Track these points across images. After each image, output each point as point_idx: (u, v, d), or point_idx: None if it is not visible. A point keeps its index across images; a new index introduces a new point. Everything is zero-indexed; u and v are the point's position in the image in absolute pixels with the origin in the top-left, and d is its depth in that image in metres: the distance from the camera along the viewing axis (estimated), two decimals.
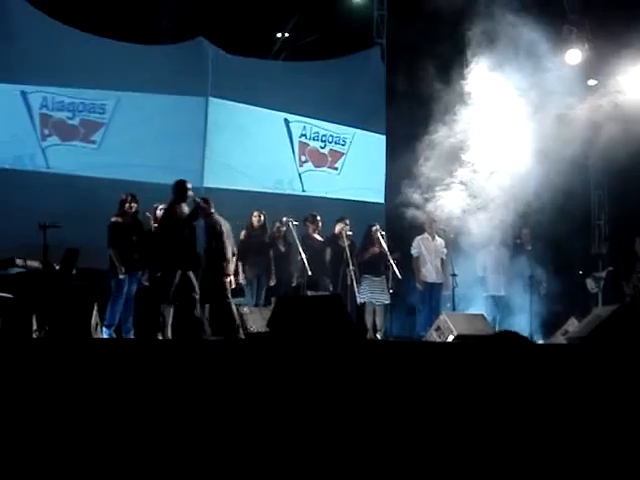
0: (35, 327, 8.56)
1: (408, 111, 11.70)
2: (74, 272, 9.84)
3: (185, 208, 9.91)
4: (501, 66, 11.02)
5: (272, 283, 11.35)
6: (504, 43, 10.98)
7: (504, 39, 10.96)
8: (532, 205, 11.22)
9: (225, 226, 10.16)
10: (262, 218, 11.46)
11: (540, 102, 11.04)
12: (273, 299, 11.06)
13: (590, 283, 13.11)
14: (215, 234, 10.02)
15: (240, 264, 11.15)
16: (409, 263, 11.98)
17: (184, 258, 9.66)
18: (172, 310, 10.46)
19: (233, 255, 10.22)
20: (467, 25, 11.11)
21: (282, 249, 11.44)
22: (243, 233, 11.40)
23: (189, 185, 9.88)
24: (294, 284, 11.51)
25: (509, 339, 6.43)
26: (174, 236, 9.60)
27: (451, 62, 11.23)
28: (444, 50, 11.17)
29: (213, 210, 10.10)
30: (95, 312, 9.51)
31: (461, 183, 11.33)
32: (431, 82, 11.31)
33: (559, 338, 10.63)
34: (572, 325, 10.69)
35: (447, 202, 11.33)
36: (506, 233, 11.76)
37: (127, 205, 10.15)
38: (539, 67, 11.08)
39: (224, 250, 10.00)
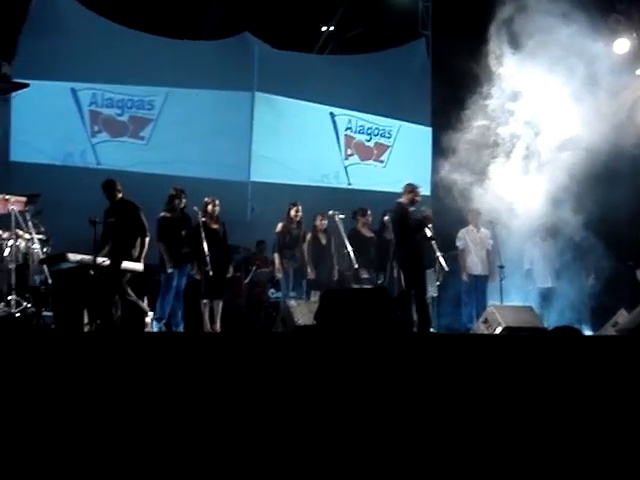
0: (86, 321, 8.71)
1: (454, 102, 11.62)
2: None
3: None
4: (549, 57, 10.91)
5: (311, 276, 11.25)
6: (552, 33, 10.87)
7: (552, 29, 10.85)
8: (580, 195, 11.10)
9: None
10: (298, 212, 11.32)
11: (589, 91, 10.91)
12: (313, 292, 11.08)
13: None
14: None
15: (277, 256, 11.16)
16: (455, 255, 11.93)
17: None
18: (220, 304, 10.60)
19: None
20: (514, 14, 11.01)
21: (323, 242, 11.38)
22: (280, 225, 11.29)
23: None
24: (335, 277, 11.48)
25: (566, 334, 6.41)
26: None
27: (498, 52, 11.13)
28: (490, 40, 11.07)
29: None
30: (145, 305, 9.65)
31: (508, 174, 11.25)
32: (477, 73, 11.24)
33: (609, 330, 10.53)
34: (622, 316, 10.57)
35: (493, 193, 11.26)
36: (553, 224, 11.64)
37: (176, 200, 10.26)
38: (588, 56, 10.95)
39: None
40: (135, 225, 9.49)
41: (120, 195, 9.70)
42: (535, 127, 11.31)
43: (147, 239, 9.57)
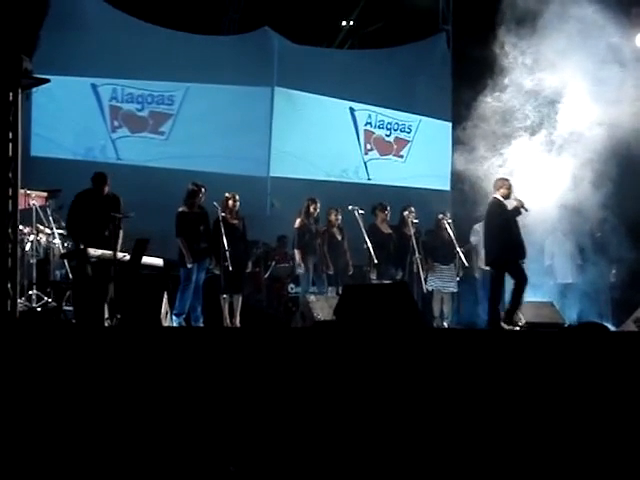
0: (107, 315, 8.74)
1: (474, 96, 11.55)
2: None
3: None
4: (570, 50, 10.83)
5: (330, 271, 11.19)
6: (573, 26, 10.78)
7: (573, 22, 10.77)
8: (602, 189, 11.01)
9: None
10: (317, 206, 11.20)
11: (610, 85, 10.82)
12: (330, 288, 11.05)
13: None
14: None
15: (297, 252, 11.14)
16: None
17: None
18: (240, 299, 10.61)
19: None
20: (535, 7, 10.93)
21: (338, 237, 11.34)
22: (299, 221, 11.20)
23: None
24: (350, 272, 11.45)
25: (593, 330, 6.37)
26: None
27: (519, 47, 11.06)
28: (511, 35, 11.00)
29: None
30: (165, 301, 9.66)
31: (528, 169, 11.17)
32: (498, 67, 11.17)
33: (630, 326, 10.44)
34: None
35: (512, 189, 11.20)
36: (574, 220, 11.55)
37: (194, 195, 10.26)
38: (608, 50, 10.86)
39: None
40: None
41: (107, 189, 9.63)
42: (556, 120, 11.21)
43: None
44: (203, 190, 10.32)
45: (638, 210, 11.42)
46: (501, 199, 9.94)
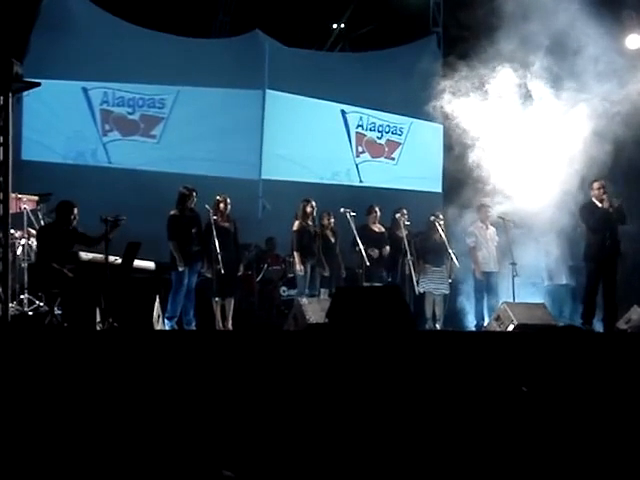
0: (99, 319, 8.71)
1: (465, 98, 11.56)
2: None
3: None
4: (560, 53, 10.88)
5: (326, 274, 11.17)
6: (562, 29, 10.83)
7: (562, 25, 10.81)
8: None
9: None
10: (314, 208, 11.15)
11: (600, 88, 10.86)
12: (323, 290, 11.05)
13: None
14: None
15: (297, 254, 11.13)
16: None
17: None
18: (232, 302, 10.61)
19: None
20: (525, 11, 10.97)
21: (332, 240, 11.34)
22: (297, 223, 11.16)
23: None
24: (343, 275, 11.45)
25: (572, 333, 6.40)
26: None
27: (508, 50, 11.09)
28: (501, 38, 11.03)
29: None
30: (157, 304, 9.64)
31: (521, 170, 11.20)
32: (487, 71, 11.20)
33: (622, 326, 10.48)
34: (635, 313, 10.52)
35: (506, 190, 11.22)
36: (568, 221, 11.57)
37: (187, 199, 10.25)
38: (598, 52, 10.90)
39: None
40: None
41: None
42: (549, 122, 11.24)
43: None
44: (194, 193, 10.31)
45: (631, 208, 11.44)
46: (593, 201, 10.33)
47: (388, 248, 11.49)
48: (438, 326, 11.44)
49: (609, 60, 10.91)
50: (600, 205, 10.23)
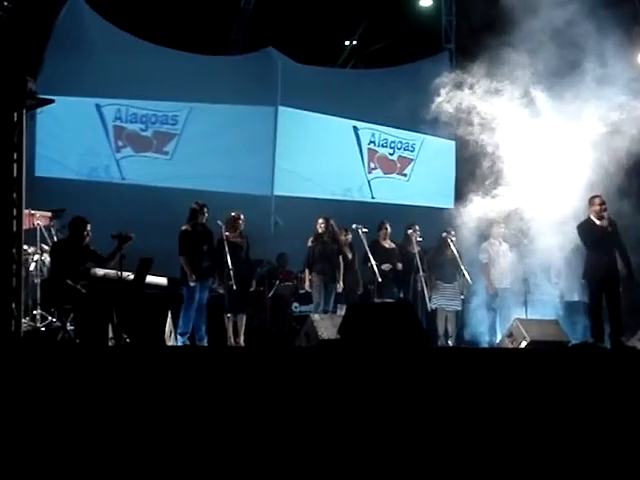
0: (111, 335, 8.73)
1: (476, 115, 11.55)
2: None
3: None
4: (571, 69, 10.86)
5: (340, 289, 11.22)
6: (575, 45, 10.81)
7: (575, 41, 10.80)
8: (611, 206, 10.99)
9: None
10: (328, 225, 11.22)
11: (611, 104, 10.84)
12: (339, 306, 11.04)
13: None
14: None
15: (307, 271, 11.14)
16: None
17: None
18: (244, 318, 10.61)
19: None
20: (536, 26, 10.96)
21: (349, 256, 11.36)
22: (310, 240, 11.27)
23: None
24: (360, 292, 11.45)
25: (588, 351, 6.36)
26: None
27: (520, 66, 11.09)
28: (513, 54, 11.04)
29: None
30: (169, 320, 9.65)
31: (533, 186, 11.17)
32: (500, 86, 11.20)
33: (635, 343, 10.41)
34: None
35: (517, 207, 11.19)
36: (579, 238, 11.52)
37: (198, 215, 10.27)
38: (610, 68, 10.89)
39: None
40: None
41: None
42: (557, 139, 11.21)
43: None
44: (205, 209, 10.32)
45: None
46: (591, 218, 10.09)
47: (400, 265, 11.49)
48: (450, 343, 11.41)
49: (621, 75, 10.88)
50: (599, 223, 10.00)
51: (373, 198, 15.67)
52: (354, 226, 11.24)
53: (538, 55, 11.00)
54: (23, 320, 7.99)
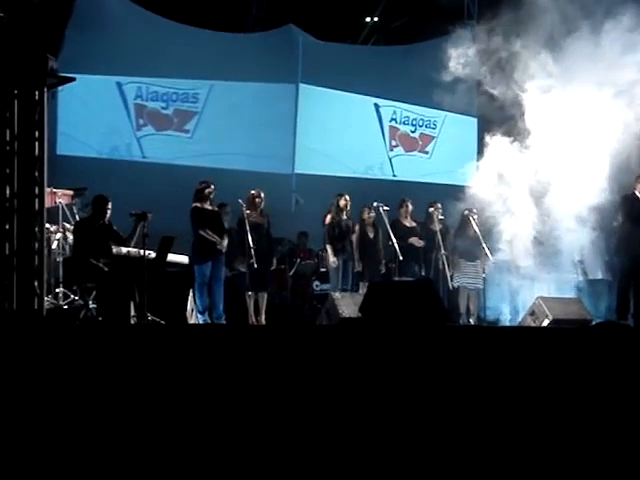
0: (133, 313, 8.77)
1: (500, 92, 11.44)
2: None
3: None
4: (595, 52, 10.71)
5: (358, 268, 11.12)
6: (599, 27, 10.66)
7: (599, 23, 10.65)
8: (626, 186, 10.88)
9: None
10: (347, 202, 11.12)
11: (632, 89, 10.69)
12: (361, 284, 11.01)
13: None
14: None
15: (329, 247, 11.11)
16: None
17: None
18: (265, 296, 10.60)
19: None
20: (558, 6, 10.82)
21: (370, 235, 11.30)
22: (329, 217, 11.14)
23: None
24: (382, 271, 11.40)
25: (611, 329, 6.31)
26: None
27: (543, 44, 10.96)
28: (535, 31, 10.90)
29: None
30: (190, 298, 9.66)
31: (556, 163, 11.06)
32: (522, 64, 11.07)
33: None
34: None
35: (540, 184, 11.09)
36: (603, 215, 11.42)
37: (202, 192, 10.12)
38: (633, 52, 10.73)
39: None
40: None
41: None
42: (578, 122, 11.08)
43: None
44: (212, 187, 10.17)
45: None
46: (634, 193, 10.27)
47: (422, 242, 11.45)
48: (472, 321, 11.36)
49: None
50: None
51: (394, 176, 15.61)
52: (375, 204, 11.18)
53: (561, 31, 10.85)
54: (46, 298, 8.04)
